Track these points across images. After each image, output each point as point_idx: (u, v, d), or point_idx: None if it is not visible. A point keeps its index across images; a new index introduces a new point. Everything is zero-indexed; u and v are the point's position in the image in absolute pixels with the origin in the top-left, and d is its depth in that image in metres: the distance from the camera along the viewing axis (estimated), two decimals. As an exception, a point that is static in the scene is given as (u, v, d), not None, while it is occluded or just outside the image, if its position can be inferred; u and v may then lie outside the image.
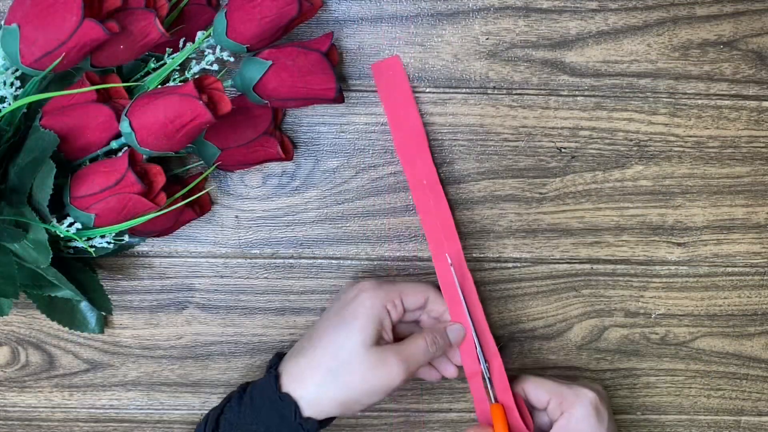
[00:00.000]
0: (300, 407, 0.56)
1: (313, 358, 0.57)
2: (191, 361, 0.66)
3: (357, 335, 0.57)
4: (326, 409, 0.57)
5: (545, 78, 0.62)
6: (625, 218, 0.65)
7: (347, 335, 0.57)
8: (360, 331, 0.57)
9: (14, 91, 0.53)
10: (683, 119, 0.63)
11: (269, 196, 0.64)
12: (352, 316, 0.58)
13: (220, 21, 0.55)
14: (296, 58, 0.56)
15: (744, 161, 0.64)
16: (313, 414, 0.56)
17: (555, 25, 0.62)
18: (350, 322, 0.57)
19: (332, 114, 0.63)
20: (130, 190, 0.53)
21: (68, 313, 0.62)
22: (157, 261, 0.65)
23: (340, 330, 0.57)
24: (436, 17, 0.61)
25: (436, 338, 0.59)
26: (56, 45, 0.49)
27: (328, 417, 0.57)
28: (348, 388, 0.56)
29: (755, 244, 0.66)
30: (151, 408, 0.67)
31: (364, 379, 0.56)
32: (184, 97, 0.51)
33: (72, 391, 0.67)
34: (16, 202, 0.54)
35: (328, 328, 0.58)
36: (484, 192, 0.64)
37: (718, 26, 0.62)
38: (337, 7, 0.61)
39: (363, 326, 0.57)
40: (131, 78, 0.57)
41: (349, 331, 0.57)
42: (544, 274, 0.66)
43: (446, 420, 0.68)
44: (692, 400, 0.69)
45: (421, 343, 0.58)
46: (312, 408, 0.56)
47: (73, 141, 0.54)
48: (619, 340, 0.67)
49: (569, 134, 0.63)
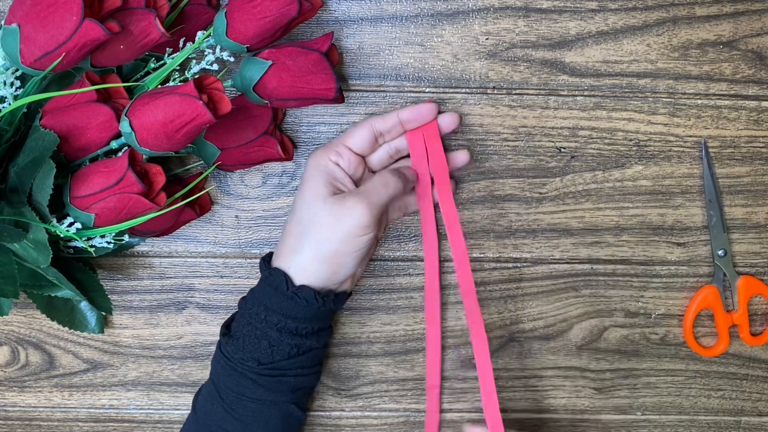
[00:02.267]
0: (290, 277, 0.57)
1: (287, 231, 0.59)
2: (191, 361, 0.66)
3: (310, 194, 0.58)
4: (316, 273, 0.57)
5: (545, 78, 0.62)
6: (625, 218, 0.65)
7: (302, 199, 0.58)
8: (311, 189, 0.58)
9: (14, 91, 0.53)
10: (683, 119, 0.63)
11: (269, 196, 0.64)
12: (303, 182, 0.59)
13: (220, 21, 0.55)
14: (296, 58, 0.56)
15: (744, 161, 0.64)
16: (306, 281, 0.57)
17: (555, 25, 0.62)
18: (302, 189, 0.59)
19: (332, 114, 0.63)
20: (130, 190, 0.53)
21: (68, 313, 0.62)
22: (157, 261, 0.65)
23: (297, 200, 0.59)
24: (436, 17, 0.61)
25: (400, 170, 0.60)
26: (56, 45, 0.49)
27: (324, 287, 0.58)
28: (320, 242, 0.57)
29: (755, 244, 0.66)
30: (151, 408, 0.67)
31: (330, 228, 0.56)
32: (184, 97, 0.51)
33: (72, 391, 0.67)
34: (16, 202, 0.54)
35: (293, 203, 0.60)
36: (484, 192, 0.64)
37: (717, 26, 0.62)
38: (337, 7, 0.61)
39: (312, 185, 0.58)
40: (131, 78, 0.57)
41: (302, 194, 0.58)
42: (544, 274, 0.66)
43: (446, 420, 0.68)
44: (692, 400, 0.69)
45: (379, 178, 0.59)
46: (301, 275, 0.57)
47: (73, 141, 0.54)
48: (619, 340, 0.67)
49: (569, 134, 0.63)
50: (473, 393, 0.67)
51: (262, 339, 0.57)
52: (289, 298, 0.57)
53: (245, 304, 0.59)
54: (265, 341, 0.57)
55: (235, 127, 0.58)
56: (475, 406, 0.68)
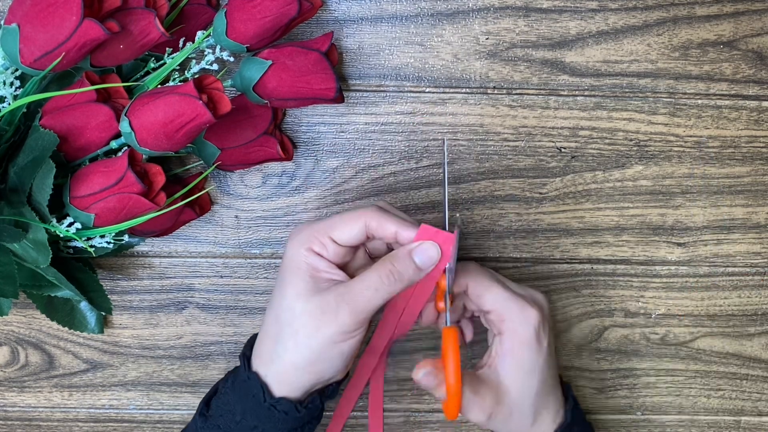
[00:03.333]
0: (269, 386, 0.52)
1: (264, 330, 0.53)
2: (191, 361, 0.66)
3: (288, 290, 0.51)
4: (297, 382, 0.52)
5: (545, 78, 0.62)
6: (625, 218, 0.65)
7: (281, 294, 0.52)
8: (290, 285, 0.51)
9: (14, 91, 0.53)
10: (683, 119, 0.63)
11: (269, 196, 0.64)
12: (281, 272, 0.53)
13: (220, 21, 0.54)
14: (296, 58, 0.56)
15: (744, 161, 0.64)
16: (286, 392, 0.52)
17: (555, 25, 0.62)
18: (280, 280, 0.52)
19: (332, 114, 0.63)
20: (130, 190, 0.53)
21: (68, 313, 0.62)
22: (157, 261, 0.65)
23: (276, 291, 0.53)
24: (436, 17, 0.61)
25: (394, 266, 0.51)
26: (56, 45, 0.49)
27: (308, 392, 0.53)
28: (300, 349, 0.51)
29: (755, 244, 0.66)
30: (151, 408, 0.67)
31: (310, 334, 0.50)
32: (184, 96, 0.51)
33: (72, 391, 0.67)
34: (16, 202, 0.54)
35: (272, 293, 0.53)
36: (484, 192, 0.64)
37: (718, 26, 0.62)
38: (337, 7, 0.61)
39: (290, 279, 0.51)
40: (131, 78, 0.57)
41: (281, 288, 0.52)
42: (544, 274, 0.66)
43: (446, 420, 0.68)
44: (692, 400, 0.69)
45: (371, 276, 0.51)
46: (282, 385, 0.52)
47: (73, 141, 0.54)
48: (619, 340, 0.67)
49: (569, 134, 0.63)
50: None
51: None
52: (267, 409, 0.52)
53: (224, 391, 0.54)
54: None
55: (235, 127, 0.58)
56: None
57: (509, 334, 0.54)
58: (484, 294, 0.55)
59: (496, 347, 0.55)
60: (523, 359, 0.54)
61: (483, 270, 0.57)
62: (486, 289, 0.55)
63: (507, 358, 0.54)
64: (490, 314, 0.55)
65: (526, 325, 0.54)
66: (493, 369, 0.55)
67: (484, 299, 0.55)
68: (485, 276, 0.56)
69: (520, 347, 0.54)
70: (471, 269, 0.56)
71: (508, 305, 0.55)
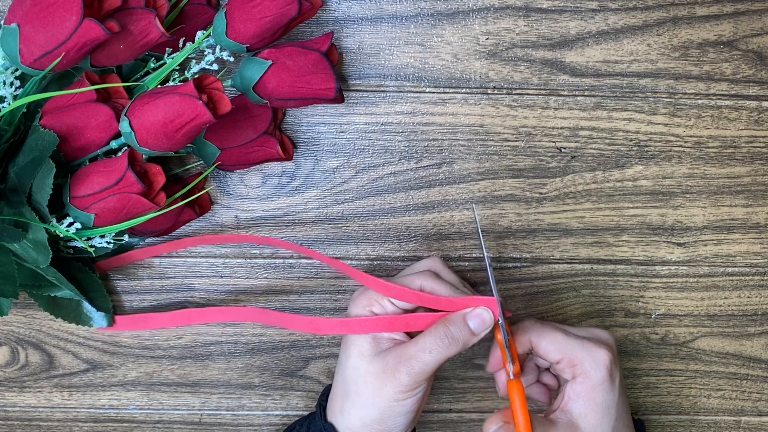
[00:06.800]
0: None
1: (335, 389, 0.57)
2: (191, 361, 0.66)
3: (353, 351, 0.55)
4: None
5: (545, 78, 0.62)
6: (625, 218, 0.65)
7: (346, 355, 0.56)
8: (354, 345, 0.55)
9: (14, 91, 0.53)
10: (683, 119, 0.63)
11: (269, 196, 0.64)
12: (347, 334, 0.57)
13: (220, 21, 0.54)
14: (296, 58, 0.56)
15: (744, 161, 0.64)
16: None
17: (555, 25, 0.62)
18: (345, 340, 0.57)
19: (332, 114, 0.63)
20: (130, 190, 0.53)
21: (72, 310, 0.62)
22: (157, 261, 0.65)
23: (342, 351, 0.57)
24: (436, 17, 0.61)
25: (448, 329, 0.54)
26: (56, 45, 0.49)
27: None
28: (366, 406, 0.54)
29: (755, 244, 0.66)
30: (150, 408, 0.67)
31: (373, 393, 0.54)
32: (183, 96, 0.51)
33: (72, 391, 0.67)
34: (16, 202, 0.54)
35: (339, 352, 0.57)
36: (484, 192, 0.64)
37: (718, 26, 0.62)
38: (337, 7, 0.61)
39: (354, 340, 0.55)
40: (131, 78, 0.57)
41: (346, 349, 0.56)
42: (544, 274, 0.66)
43: (446, 420, 0.68)
44: (692, 400, 0.69)
45: (426, 339, 0.54)
46: None
47: (73, 141, 0.54)
48: (619, 340, 0.67)
49: (569, 134, 0.63)
50: (473, 393, 0.67)
51: None
52: None
53: None
54: None
55: (235, 127, 0.58)
56: (476, 406, 0.68)
57: (582, 378, 0.55)
58: (549, 346, 0.56)
59: (569, 391, 0.55)
60: (597, 399, 0.55)
61: (541, 323, 0.58)
62: (550, 340, 0.56)
63: (581, 400, 0.55)
64: (560, 363, 0.56)
65: (598, 367, 0.55)
66: (567, 412, 0.55)
67: (550, 350, 0.56)
68: (545, 328, 0.57)
69: (593, 389, 0.55)
70: (529, 326, 0.57)
71: (576, 351, 0.55)
